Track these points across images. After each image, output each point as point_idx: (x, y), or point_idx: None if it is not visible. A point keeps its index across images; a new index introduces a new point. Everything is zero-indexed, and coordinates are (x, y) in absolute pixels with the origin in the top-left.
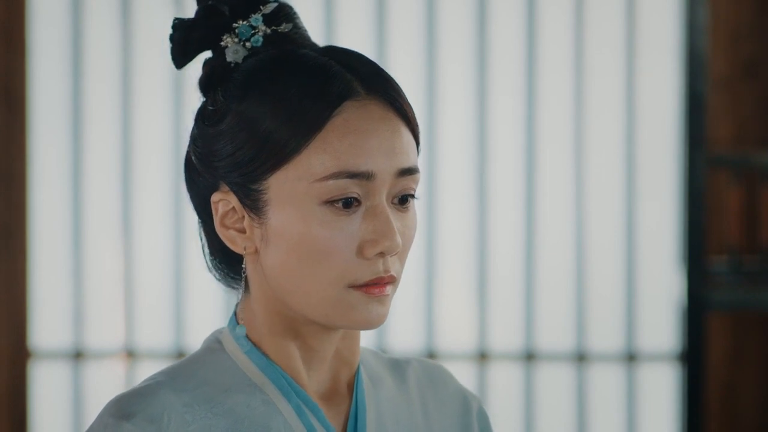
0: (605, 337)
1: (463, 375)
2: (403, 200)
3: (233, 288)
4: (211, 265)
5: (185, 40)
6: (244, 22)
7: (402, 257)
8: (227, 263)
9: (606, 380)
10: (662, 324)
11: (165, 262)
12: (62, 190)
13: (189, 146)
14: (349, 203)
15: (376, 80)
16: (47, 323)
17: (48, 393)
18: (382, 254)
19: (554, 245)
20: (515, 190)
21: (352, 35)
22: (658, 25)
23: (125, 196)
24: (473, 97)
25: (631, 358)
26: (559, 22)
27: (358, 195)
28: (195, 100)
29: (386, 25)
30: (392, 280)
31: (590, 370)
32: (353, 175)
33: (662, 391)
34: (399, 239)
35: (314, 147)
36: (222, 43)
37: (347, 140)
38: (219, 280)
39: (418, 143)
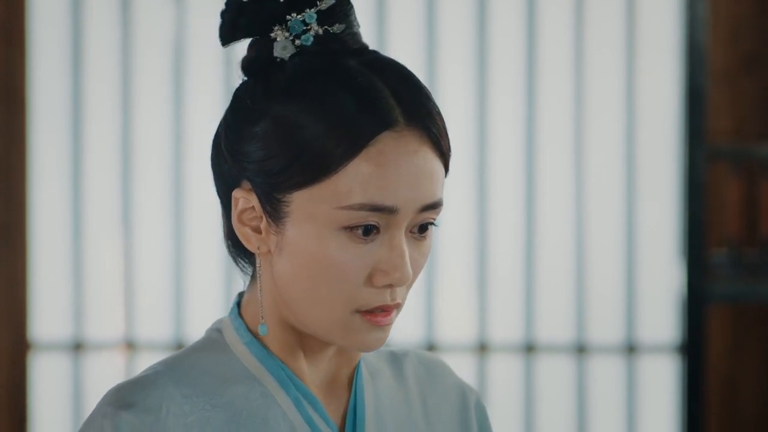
0: (605, 328)
1: (463, 367)
2: (422, 229)
3: (242, 270)
4: (226, 243)
5: (234, 24)
6: (298, 16)
7: (410, 285)
8: (239, 249)
9: (606, 372)
10: (662, 316)
11: (165, 254)
12: (62, 183)
13: (220, 127)
14: (368, 231)
15: (417, 109)
16: (47, 315)
17: (48, 385)
18: (390, 285)
19: (554, 238)
20: (515, 184)
21: None
22: (658, 20)
23: (125, 189)
24: (473, 96)
25: (631, 349)
26: (560, 19)
27: (378, 224)
28: (195, 95)
29: (386, 25)
30: (397, 308)
31: (590, 362)
32: (377, 209)
33: (662, 383)
34: (410, 272)
35: (344, 173)
36: (272, 35)
37: (378, 173)
38: (231, 256)
39: (447, 170)
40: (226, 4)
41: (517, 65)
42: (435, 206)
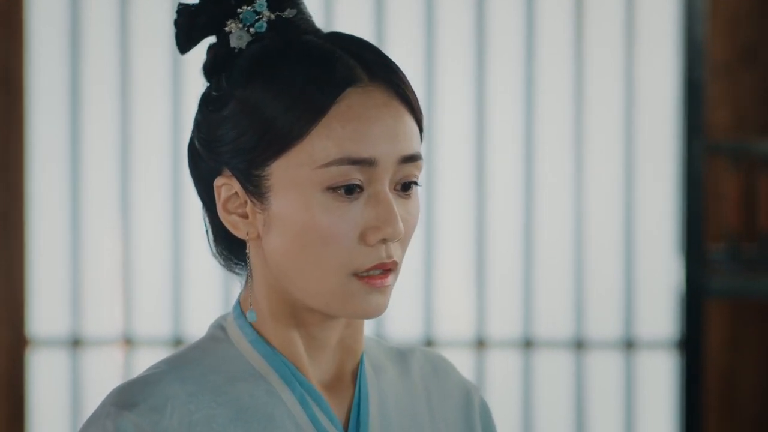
0: (604, 324)
1: (462, 362)
2: (405, 187)
3: (237, 274)
4: (215, 251)
5: (189, 26)
6: (249, 8)
7: (404, 244)
8: (231, 249)
9: (604, 367)
10: (661, 311)
11: (163, 249)
12: (61, 177)
13: (192, 132)
14: (351, 190)
15: (379, 66)
16: (45, 311)
17: (46, 380)
18: (384, 241)
19: (553, 233)
20: (514, 178)
21: (350, 31)
22: (656, 12)
23: (124, 182)
24: (472, 91)
25: (629, 345)
26: (558, 13)
27: (361, 181)
28: (195, 82)
29: (385, 23)
30: (394, 267)
31: (589, 357)
32: (356, 162)
33: (661, 379)
34: (401, 226)
35: (317, 133)
36: (226, 29)
37: (350, 127)
38: (223, 266)
39: (421, 130)
40: (178, 11)
41: (516, 59)
42: (414, 158)
